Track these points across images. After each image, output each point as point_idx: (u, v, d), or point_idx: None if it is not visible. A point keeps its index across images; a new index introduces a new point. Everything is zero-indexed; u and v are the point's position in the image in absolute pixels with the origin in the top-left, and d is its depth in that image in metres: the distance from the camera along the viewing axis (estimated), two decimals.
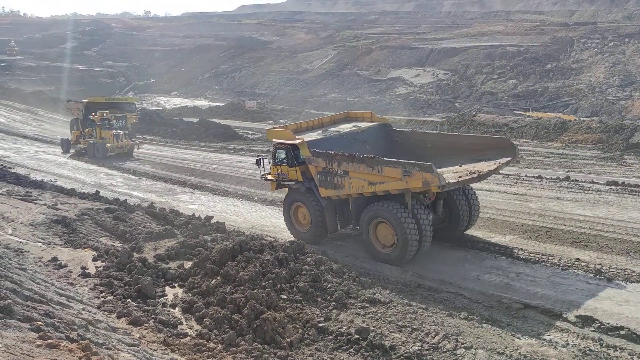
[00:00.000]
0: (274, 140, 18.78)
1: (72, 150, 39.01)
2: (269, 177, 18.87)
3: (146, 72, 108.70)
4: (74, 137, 40.02)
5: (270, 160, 18.74)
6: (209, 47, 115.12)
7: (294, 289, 12.22)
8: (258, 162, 19.47)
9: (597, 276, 13.80)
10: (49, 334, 7.26)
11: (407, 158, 15.50)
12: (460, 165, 16.29)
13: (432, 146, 18.56)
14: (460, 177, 15.00)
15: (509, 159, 16.32)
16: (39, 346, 6.78)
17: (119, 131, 37.13)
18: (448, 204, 16.93)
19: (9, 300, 7.96)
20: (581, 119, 42.92)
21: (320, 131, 19.44)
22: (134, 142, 37.55)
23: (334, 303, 11.88)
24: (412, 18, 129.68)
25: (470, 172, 15.27)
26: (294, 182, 17.89)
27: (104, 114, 37.68)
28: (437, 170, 14.30)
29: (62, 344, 6.98)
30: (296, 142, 17.29)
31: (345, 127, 19.80)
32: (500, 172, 19.40)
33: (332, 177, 16.39)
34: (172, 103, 79.15)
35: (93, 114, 38.84)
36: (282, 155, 18.08)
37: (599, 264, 14.46)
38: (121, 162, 34.50)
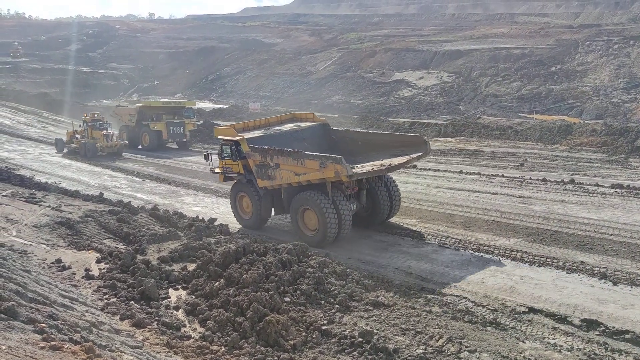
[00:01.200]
0: (219, 137, 20.85)
1: (65, 150, 40.26)
2: (217, 170, 21.20)
3: (150, 74, 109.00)
4: (68, 137, 40.74)
5: (218, 155, 21.00)
6: (213, 49, 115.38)
7: (298, 292, 12.19)
8: (206, 157, 22.07)
9: (602, 279, 13.73)
10: (52, 336, 7.26)
11: (341, 154, 17.67)
12: (382, 160, 18.46)
13: (362, 143, 20.74)
14: (371, 168, 17.56)
15: (420, 154, 18.71)
16: (42, 348, 6.77)
17: (109, 131, 38.97)
18: (371, 195, 19.05)
19: (13, 302, 7.97)
20: (586, 121, 42.79)
21: (264, 129, 21.61)
22: (123, 142, 39.52)
23: (337, 306, 11.85)
24: (416, 20, 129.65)
25: (381, 165, 17.81)
26: (236, 175, 20.23)
27: (95, 115, 40.29)
28: (360, 163, 17.68)
29: (66, 346, 6.98)
30: (237, 138, 19.57)
31: (287, 127, 21.97)
32: (506, 175, 20.30)
33: (266, 169, 18.57)
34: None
35: (134, 116, 41.45)
36: (227, 150, 20.19)
37: (603, 268, 14.40)
38: (114, 161, 36.10)
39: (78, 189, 24.92)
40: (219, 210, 22.53)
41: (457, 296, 13.03)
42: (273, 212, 19.83)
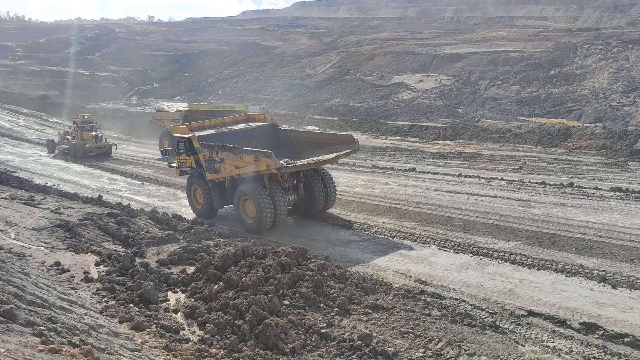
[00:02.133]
0: (175, 135, 23.02)
1: (56, 150, 40.99)
2: (174, 165, 23.40)
3: (150, 76, 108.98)
4: (59, 138, 41.58)
5: (174, 152, 23.24)
6: (212, 52, 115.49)
7: (297, 295, 12.18)
8: (163, 153, 25.10)
9: (601, 283, 13.73)
10: (51, 339, 7.25)
11: (287, 151, 20.87)
12: (319, 156, 20.43)
13: (305, 142, 22.79)
14: (301, 162, 19.72)
15: (350, 150, 20.84)
16: (41, 351, 6.76)
17: (98, 133, 39.98)
18: (308, 188, 21.01)
19: (12, 305, 7.95)
20: (585, 124, 42.88)
21: (217, 128, 23.61)
22: (112, 143, 40.26)
23: (336, 309, 11.84)
24: (416, 24, 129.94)
25: (310, 160, 20.01)
26: (190, 169, 22.39)
27: (85, 117, 41.56)
28: (303, 159, 19.93)
29: (64, 349, 6.97)
30: (189, 136, 21.69)
31: (239, 126, 24.05)
32: (505, 178, 19.86)
33: (213, 163, 20.76)
34: (176, 108, 79.11)
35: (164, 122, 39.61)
36: (182, 147, 22.25)
37: (602, 271, 14.40)
38: (100, 161, 37.12)
39: (77, 192, 24.90)
40: (218, 213, 22.51)
41: (456, 299, 13.02)
42: (222, 204, 21.89)
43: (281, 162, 18.78)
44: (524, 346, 10.68)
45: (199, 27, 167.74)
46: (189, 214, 21.75)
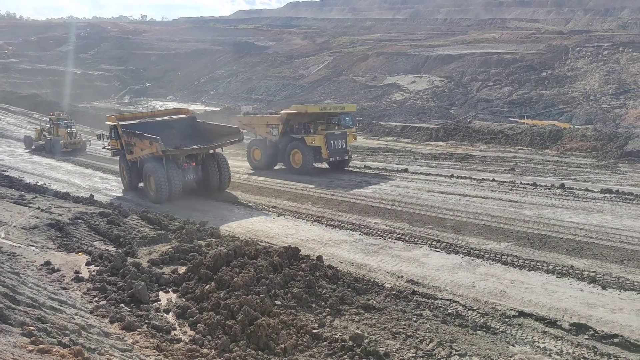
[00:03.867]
0: (107, 123, 28.35)
1: (33, 146, 42.21)
2: (108, 147, 28.65)
3: (142, 76, 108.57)
4: (37, 134, 42.85)
5: (109, 137, 28.36)
6: (205, 51, 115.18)
7: (288, 295, 12.17)
8: (99, 137, 30.25)
9: (591, 284, 13.81)
10: (40, 339, 7.20)
11: (200, 140, 26.10)
12: (214, 143, 25.59)
13: (211, 132, 27.16)
14: (189, 148, 24.94)
15: (235, 140, 26.04)
16: (30, 351, 6.71)
17: (72, 129, 42.11)
18: (205, 169, 25.70)
19: (1, 305, 7.89)
20: (576, 126, 43.20)
21: (142, 120, 28.33)
22: (85, 140, 42.16)
23: (328, 309, 11.83)
24: (408, 25, 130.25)
25: (198, 146, 25.07)
26: (117, 150, 27.35)
27: (60, 114, 44.09)
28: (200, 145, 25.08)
29: (54, 349, 6.92)
30: (115, 124, 26.65)
31: (161, 118, 28.94)
32: (497, 179, 19.78)
33: (130, 146, 25.38)
34: (168, 107, 78.97)
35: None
36: (112, 133, 27.41)
37: (593, 272, 14.49)
38: (76, 156, 39.31)
39: (68, 191, 24.75)
40: (210, 213, 22.47)
41: (447, 300, 13.05)
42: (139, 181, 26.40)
43: (170, 148, 23.97)
44: (514, 346, 10.73)
45: (192, 26, 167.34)
46: (180, 213, 21.70)
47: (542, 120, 50.66)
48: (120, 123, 26.52)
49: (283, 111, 33.03)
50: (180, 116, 29.00)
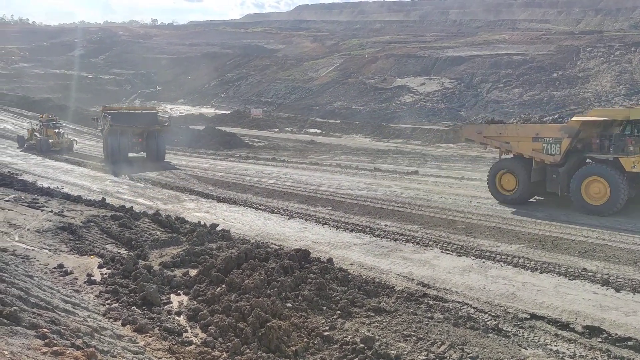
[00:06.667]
0: (98, 111, 41.56)
1: (25, 145, 45.29)
2: (99, 128, 41.34)
3: (153, 79, 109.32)
4: (29, 134, 45.99)
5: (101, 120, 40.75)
6: (215, 55, 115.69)
7: (299, 298, 12.17)
8: (93, 119, 43.99)
9: (604, 286, 13.70)
10: (54, 341, 7.27)
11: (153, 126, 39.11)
12: (150, 127, 39.32)
13: (159, 122, 40.21)
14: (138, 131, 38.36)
15: (164, 125, 39.77)
16: (44, 353, 6.78)
17: (60, 130, 45.71)
18: (148, 145, 38.10)
19: (15, 307, 7.98)
20: None
21: (121, 111, 42.62)
22: (72, 140, 45.46)
23: (339, 312, 11.82)
24: (418, 27, 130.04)
25: (136, 126, 38.33)
26: (101, 128, 39.00)
27: (50, 116, 46.67)
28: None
29: (68, 352, 6.98)
30: (106, 112, 39.37)
31: (135, 111, 44.37)
32: None
33: (105, 125, 38.10)
34: (179, 111, 79.52)
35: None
36: (101, 117, 39.86)
37: (606, 274, 14.37)
38: (63, 154, 41.71)
39: (80, 194, 24.97)
40: (221, 215, 22.56)
41: (459, 302, 13.00)
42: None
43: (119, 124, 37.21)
44: (526, 349, 10.66)
45: (202, 30, 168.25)
46: (191, 216, 21.80)
47: None
48: (104, 111, 39.45)
49: (574, 118, 22.82)
50: (147, 111, 43.47)
